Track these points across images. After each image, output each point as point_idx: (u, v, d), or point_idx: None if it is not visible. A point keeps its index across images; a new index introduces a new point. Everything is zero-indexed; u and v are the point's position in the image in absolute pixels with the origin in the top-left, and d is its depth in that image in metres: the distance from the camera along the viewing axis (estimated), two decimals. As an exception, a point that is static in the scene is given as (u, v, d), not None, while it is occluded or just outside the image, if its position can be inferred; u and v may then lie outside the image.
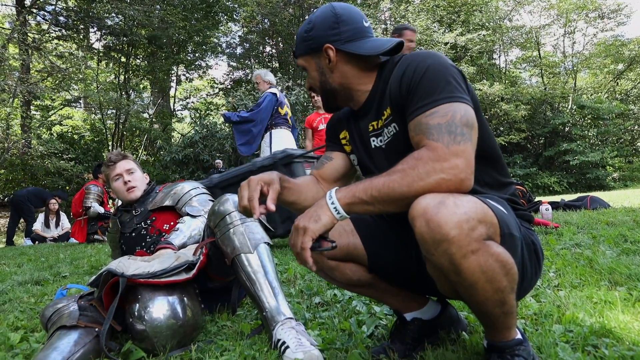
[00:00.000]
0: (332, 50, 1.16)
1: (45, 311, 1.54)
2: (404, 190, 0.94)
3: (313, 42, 1.18)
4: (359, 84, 1.21)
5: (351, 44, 1.15)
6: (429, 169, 0.93)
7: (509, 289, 0.97)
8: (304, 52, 1.22)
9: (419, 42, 16.13)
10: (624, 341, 1.21)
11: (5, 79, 10.47)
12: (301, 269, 2.58)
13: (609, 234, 2.80)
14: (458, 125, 0.97)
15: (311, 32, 1.18)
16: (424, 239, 0.92)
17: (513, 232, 1.00)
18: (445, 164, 0.93)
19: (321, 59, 1.19)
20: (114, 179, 2.10)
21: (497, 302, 0.97)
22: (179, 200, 2.06)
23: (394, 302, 1.34)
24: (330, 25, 1.16)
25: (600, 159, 16.70)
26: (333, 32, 1.15)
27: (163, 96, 17.53)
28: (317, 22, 1.17)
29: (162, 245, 1.81)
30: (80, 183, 12.01)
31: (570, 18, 19.11)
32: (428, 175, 0.93)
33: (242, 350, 1.41)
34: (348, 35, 1.15)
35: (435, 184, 0.93)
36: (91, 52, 14.94)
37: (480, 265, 0.91)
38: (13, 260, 4.07)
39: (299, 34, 1.22)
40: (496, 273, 0.93)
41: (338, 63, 1.18)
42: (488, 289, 0.95)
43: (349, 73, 1.19)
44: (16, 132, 12.83)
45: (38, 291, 2.61)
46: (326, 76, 1.20)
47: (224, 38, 19.53)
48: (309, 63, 1.22)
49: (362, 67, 1.19)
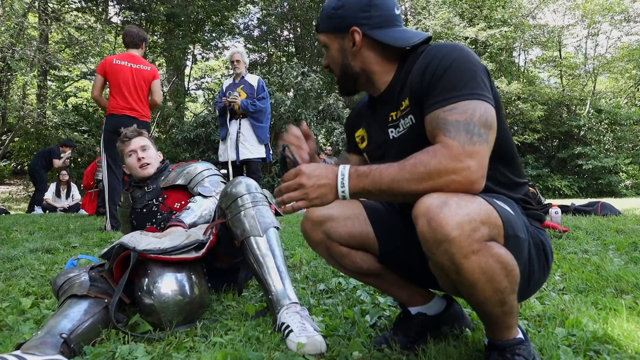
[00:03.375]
0: (359, 34, 1.12)
1: (57, 279, 1.57)
2: (412, 188, 0.95)
3: (341, 21, 1.14)
4: (381, 72, 1.18)
5: (380, 30, 1.12)
6: (441, 169, 0.93)
7: (509, 290, 0.97)
8: (328, 30, 1.18)
9: (439, 36, 15.92)
10: (627, 349, 1.21)
11: (24, 48, 10.53)
12: (307, 255, 2.60)
13: (619, 241, 2.78)
14: (476, 125, 0.95)
15: (340, 9, 1.13)
16: (425, 238, 0.93)
17: (518, 233, 1.00)
18: (458, 165, 0.92)
19: (345, 40, 1.15)
20: (128, 155, 2.12)
21: (497, 302, 0.98)
22: (191, 180, 2.08)
23: (400, 295, 1.35)
24: (362, 8, 1.12)
25: (614, 165, 16.47)
26: (363, 15, 1.12)
27: (178, 74, 17.52)
28: (348, 2, 1.13)
29: (172, 222, 1.83)
30: (92, 156, 12.13)
31: (595, 19, 18.70)
32: (439, 175, 0.92)
33: (247, 330, 1.43)
34: (378, 21, 1.12)
35: (444, 184, 0.93)
36: (109, 26, 14.95)
37: (480, 265, 0.92)
38: (25, 227, 4.15)
39: (326, 9, 1.17)
40: (497, 274, 0.93)
41: (362, 48, 1.14)
42: (488, 289, 0.95)
43: (372, 59, 1.16)
44: (32, 102, 12.95)
45: (49, 259, 2.66)
46: (348, 59, 1.17)
47: (242, 19, 19.43)
48: (331, 41, 1.18)
49: (386, 54, 1.16)
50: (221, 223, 1.73)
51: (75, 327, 1.35)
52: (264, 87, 4.84)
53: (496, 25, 16.97)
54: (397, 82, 1.17)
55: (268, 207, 1.71)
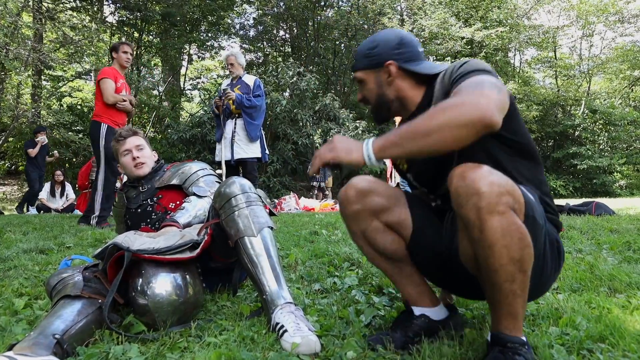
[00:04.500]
0: (394, 66, 1.32)
1: (50, 280, 1.56)
2: (427, 124, 1.04)
3: (376, 58, 1.34)
4: (412, 96, 1.36)
5: (410, 63, 1.33)
6: (451, 104, 1.05)
7: (521, 265, 1.02)
8: (364, 67, 1.37)
9: (435, 36, 15.96)
10: (619, 347, 1.22)
11: (18, 47, 10.47)
12: (302, 255, 2.60)
13: (613, 240, 2.80)
14: (486, 83, 1.09)
15: (375, 49, 1.35)
16: (457, 193, 1.01)
17: (537, 218, 1.08)
18: (467, 99, 1.04)
19: (381, 73, 1.35)
20: (123, 154, 2.11)
21: (509, 274, 1.01)
22: (186, 180, 2.07)
23: (410, 292, 1.38)
24: (394, 46, 1.33)
25: (608, 165, 16.58)
26: (396, 52, 1.33)
27: (173, 74, 17.47)
28: (381, 42, 1.35)
29: (167, 222, 1.82)
30: (87, 156, 12.08)
31: (589, 20, 18.80)
32: (451, 109, 1.03)
33: (241, 330, 1.43)
34: (408, 56, 1.33)
35: (457, 114, 1.02)
36: (104, 26, 14.89)
37: (502, 227, 0.98)
38: (18, 228, 4.12)
39: (361, 51, 1.38)
40: (514, 242, 0.99)
41: (396, 78, 1.34)
42: (504, 255, 1.00)
43: (404, 87, 1.35)
44: (26, 101, 12.87)
45: (42, 260, 2.64)
46: (383, 89, 1.36)
47: (238, 19, 19.39)
48: (368, 76, 1.37)
49: (416, 82, 1.35)
50: (215, 223, 1.72)
51: (68, 327, 1.34)
52: (260, 86, 4.84)
53: (492, 26, 17.03)
54: (424, 101, 1.34)
55: (262, 207, 1.71)
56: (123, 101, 4.41)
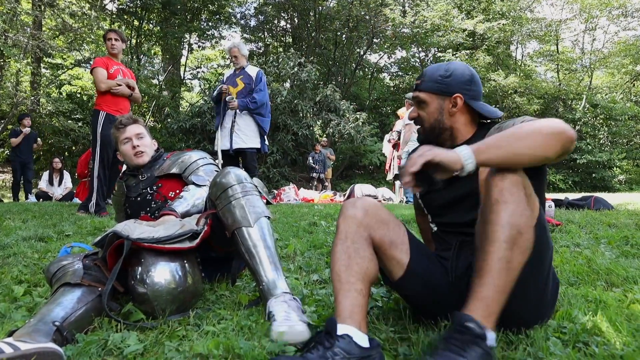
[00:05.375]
0: (462, 100, 1.40)
1: (50, 267, 1.57)
2: (520, 130, 1.12)
3: (447, 87, 1.41)
4: (465, 132, 1.45)
5: (474, 101, 1.42)
6: (538, 120, 1.15)
7: (514, 243, 1.06)
8: (432, 91, 1.43)
9: (437, 27, 15.85)
10: (615, 341, 1.23)
11: (17, 34, 10.39)
12: (301, 246, 2.61)
13: (611, 235, 2.81)
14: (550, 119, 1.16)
15: (448, 78, 1.41)
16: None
17: (547, 230, 1.20)
18: (548, 120, 1.14)
19: (445, 101, 1.42)
20: (123, 142, 2.10)
21: (504, 248, 1.06)
22: (185, 169, 2.07)
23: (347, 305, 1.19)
24: (466, 82, 1.41)
25: (608, 160, 16.56)
26: (466, 87, 1.41)
27: (173, 64, 17.38)
28: (456, 74, 1.41)
29: (165, 211, 1.83)
30: (87, 144, 12.06)
31: (592, 14, 18.66)
32: (539, 122, 1.13)
33: (239, 320, 1.44)
34: (473, 94, 1.42)
35: (546, 124, 1.11)
36: (104, 13, 14.77)
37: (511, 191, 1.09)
38: (18, 215, 4.13)
39: (433, 75, 1.43)
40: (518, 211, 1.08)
41: (458, 111, 1.42)
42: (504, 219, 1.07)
43: (462, 121, 1.44)
44: (26, 89, 12.81)
45: (42, 247, 2.65)
46: (443, 116, 1.43)
47: (239, 8, 19.23)
48: (432, 100, 1.43)
49: (471, 119, 1.45)
50: (213, 213, 1.72)
51: (68, 315, 1.35)
52: (262, 78, 4.81)
53: (494, 18, 16.91)
54: (473, 139, 1.38)
55: (259, 197, 1.71)
56: (118, 85, 4.39)
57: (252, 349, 1.19)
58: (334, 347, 1.06)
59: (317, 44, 17.63)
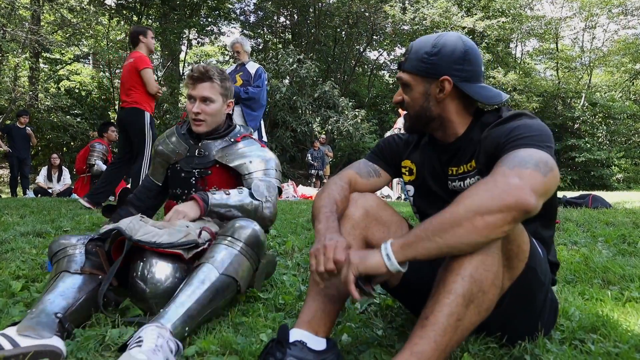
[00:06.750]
0: (450, 83, 1.14)
1: (52, 245, 1.56)
2: (454, 211, 0.89)
3: (433, 67, 1.14)
4: (457, 123, 1.20)
5: (468, 84, 1.14)
6: (482, 188, 0.89)
7: (475, 303, 0.92)
8: (416, 72, 1.17)
9: (436, 25, 15.83)
10: (611, 338, 1.24)
11: (15, 29, 10.35)
12: (299, 243, 2.61)
13: (609, 233, 2.82)
14: (532, 161, 0.92)
15: (434, 57, 1.14)
16: None
17: (539, 274, 1.05)
18: (501, 181, 0.88)
19: (432, 85, 1.16)
20: (189, 99, 1.87)
21: (458, 304, 0.91)
22: (251, 172, 1.86)
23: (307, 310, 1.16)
24: (457, 60, 1.13)
25: (606, 158, 16.60)
26: (457, 68, 1.13)
27: (172, 59, 17.32)
28: (444, 51, 1.14)
29: (197, 196, 1.71)
30: (85, 140, 12.03)
31: (592, 12, 18.65)
32: (482, 193, 0.88)
33: (234, 317, 1.44)
34: (468, 75, 1.14)
35: (487, 198, 0.86)
36: (103, 8, 14.71)
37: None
38: (16, 211, 4.12)
39: (418, 52, 1.17)
40: (483, 270, 0.92)
41: (447, 97, 1.16)
42: (467, 271, 0.92)
43: (453, 109, 1.18)
44: (24, 84, 12.77)
45: (40, 243, 2.64)
46: (429, 103, 1.18)
47: (238, 4, 19.18)
48: (416, 83, 1.18)
49: (465, 107, 1.20)
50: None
51: (69, 305, 1.34)
52: (261, 75, 4.76)
53: (494, 16, 16.89)
54: (466, 137, 1.20)
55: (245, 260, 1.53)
56: (160, 92, 4.46)
57: (250, 345, 1.19)
58: (286, 357, 1.00)
59: (316, 40, 17.60)
